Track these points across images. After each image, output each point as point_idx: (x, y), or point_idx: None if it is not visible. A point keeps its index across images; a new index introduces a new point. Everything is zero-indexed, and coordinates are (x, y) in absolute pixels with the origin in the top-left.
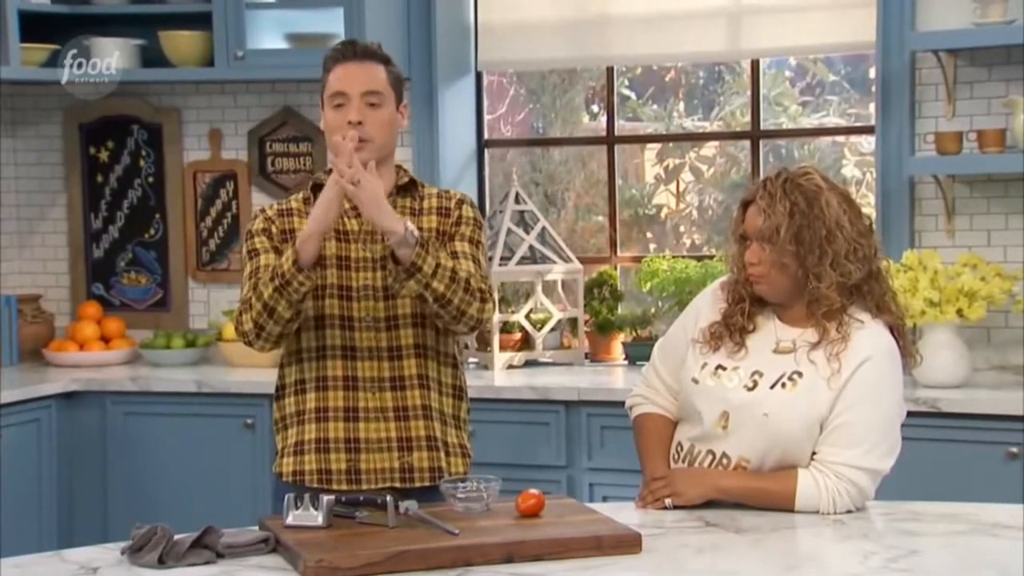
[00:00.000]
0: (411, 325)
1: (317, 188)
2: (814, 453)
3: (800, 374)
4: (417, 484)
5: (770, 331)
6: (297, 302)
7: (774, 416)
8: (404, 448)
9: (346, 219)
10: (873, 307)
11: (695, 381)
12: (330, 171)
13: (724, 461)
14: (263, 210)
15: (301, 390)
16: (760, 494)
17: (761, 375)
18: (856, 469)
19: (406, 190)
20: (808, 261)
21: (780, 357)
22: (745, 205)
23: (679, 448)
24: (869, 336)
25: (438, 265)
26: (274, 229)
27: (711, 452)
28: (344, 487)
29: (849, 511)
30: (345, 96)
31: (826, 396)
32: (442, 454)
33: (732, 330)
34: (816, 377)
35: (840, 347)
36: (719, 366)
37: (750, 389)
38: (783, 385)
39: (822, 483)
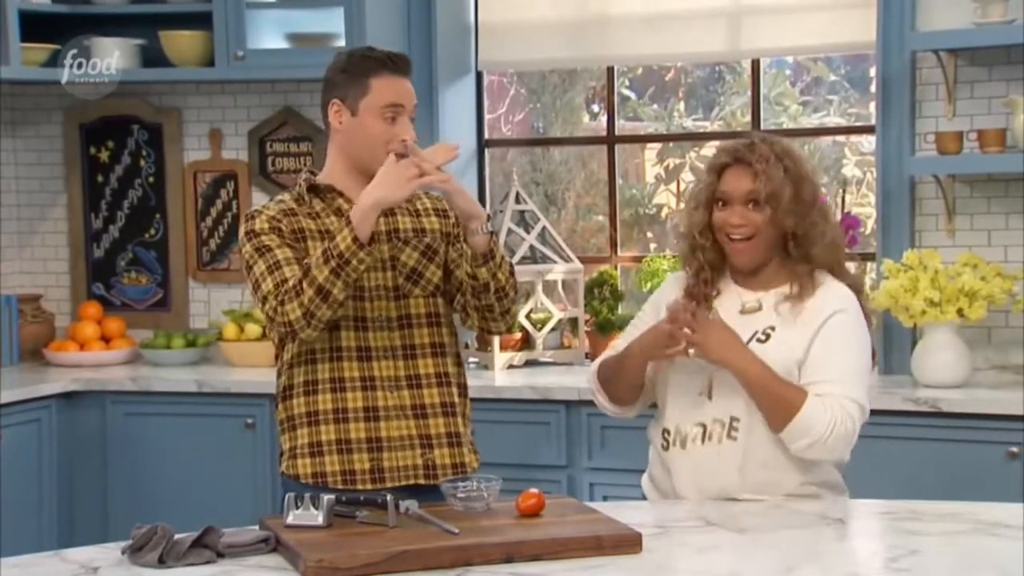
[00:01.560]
0: (425, 324)
1: (313, 189)
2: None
3: (773, 327)
4: (441, 480)
5: (733, 294)
6: (354, 281)
7: None
8: (426, 445)
9: None
10: (832, 268)
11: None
12: (311, 171)
13: (718, 428)
14: (260, 211)
15: (312, 391)
16: (770, 394)
17: (735, 335)
18: (853, 402)
19: None
20: (805, 221)
21: (748, 317)
22: (720, 169)
23: (666, 433)
24: (837, 290)
25: (503, 257)
26: (283, 227)
27: (701, 424)
28: (369, 487)
29: (837, 452)
30: (401, 109)
31: (799, 341)
32: (464, 449)
33: (698, 299)
34: (787, 325)
35: (808, 300)
36: None
37: None
38: (759, 340)
39: (828, 408)
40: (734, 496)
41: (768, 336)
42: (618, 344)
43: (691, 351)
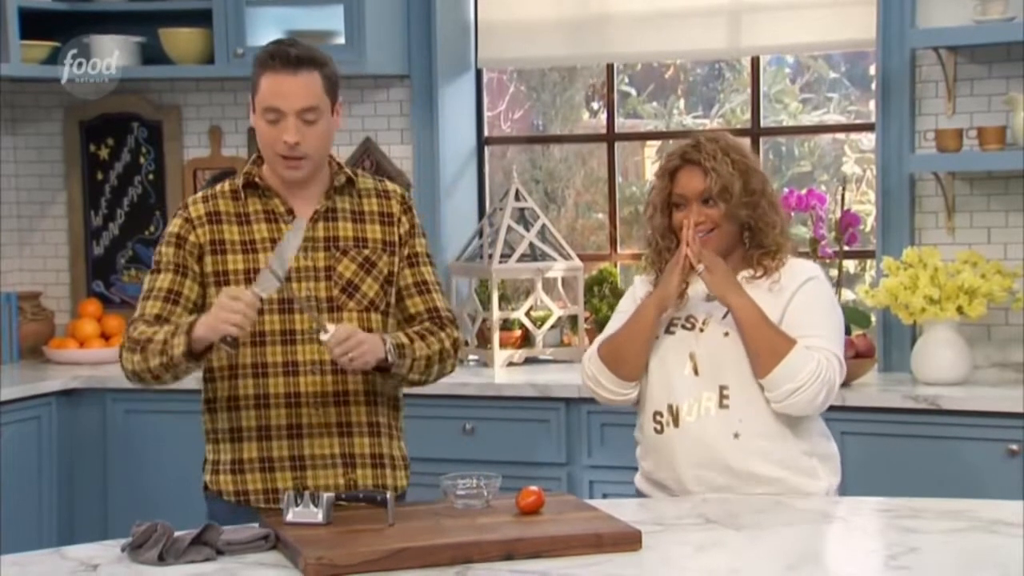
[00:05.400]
0: None
1: (250, 186)
2: None
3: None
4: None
5: (700, 287)
6: (185, 375)
7: (733, 334)
8: (349, 464)
9: (283, 224)
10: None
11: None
12: (255, 161)
13: (709, 399)
14: (186, 207)
15: (235, 406)
16: (762, 335)
17: (710, 315)
18: (834, 355)
19: (343, 190)
20: (757, 211)
21: (715, 302)
22: (672, 172)
23: (658, 416)
24: (805, 263)
25: (413, 361)
26: (191, 239)
27: (693, 399)
28: None
29: (818, 400)
30: (280, 113)
31: (774, 308)
32: (387, 470)
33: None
34: (761, 293)
35: (778, 271)
36: (672, 320)
37: (702, 329)
38: None
39: (813, 357)
40: (733, 466)
41: None
42: (608, 331)
43: (700, 266)
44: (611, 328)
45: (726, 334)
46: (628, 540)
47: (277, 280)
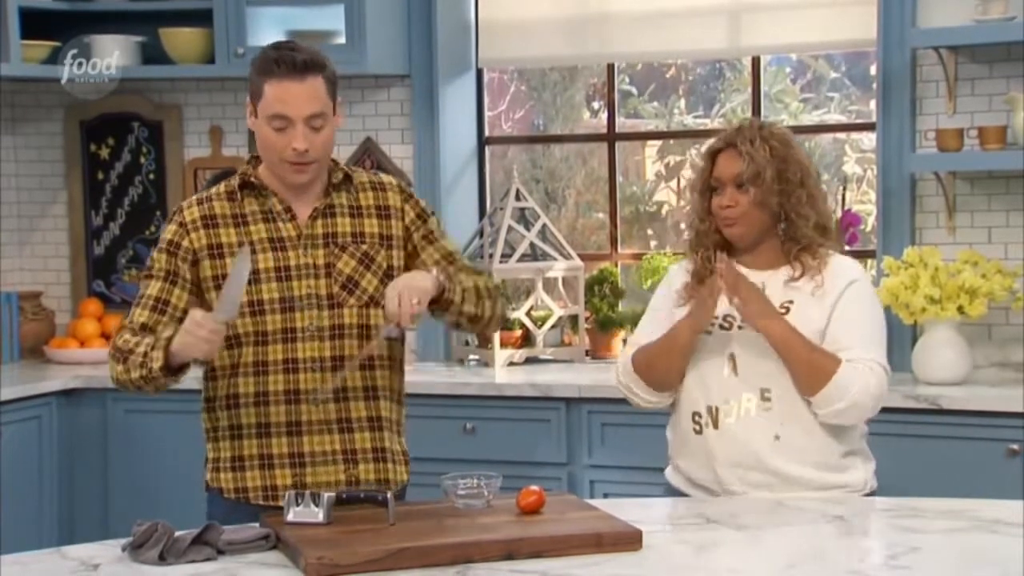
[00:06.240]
0: (356, 336)
1: (246, 186)
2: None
3: (791, 301)
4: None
5: None
6: (166, 387)
7: None
8: (350, 460)
9: (280, 223)
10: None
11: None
12: (251, 161)
13: (750, 402)
14: (181, 211)
15: (235, 404)
16: (805, 360)
17: (771, 303)
18: (878, 364)
19: (341, 186)
20: (791, 200)
21: None
22: (714, 154)
23: (697, 417)
24: (847, 262)
25: (464, 290)
26: (184, 244)
27: (734, 401)
28: None
29: (867, 413)
30: (288, 120)
31: (819, 312)
32: (389, 464)
33: (704, 278)
34: (804, 298)
35: (820, 272)
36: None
37: (741, 327)
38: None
39: (860, 369)
40: (773, 467)
41: (788, 309)
42: (638, 337)
43: (736, 301)
44: (644, 329)
45: None
46: (628, 540)
47: (235, 308)
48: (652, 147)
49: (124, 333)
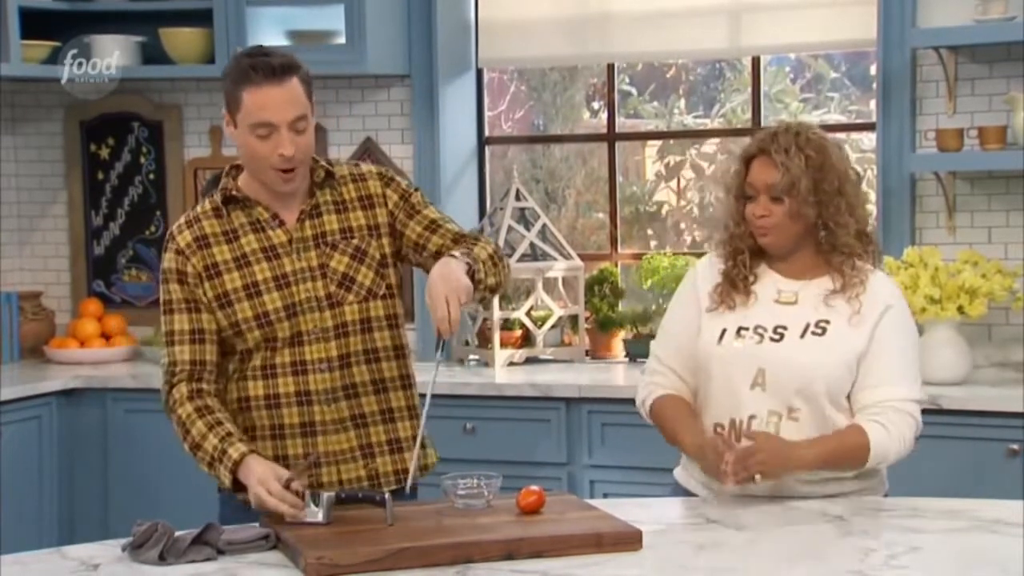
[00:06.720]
0: (359, 331)
1: (229, 201)
2: (849, 402)
3: (828, 321)
4: (384, 489)
5: (770, 282)
6: None
7: (812, 362)
8: (368, 455)
9: (270, 231)
10: (871, 260)
11: (719, 344)
12: (230, 172)
13: (776, 418)
14: (173, 237)
15: (247, 407)
16: (839, 459)
17: (786, 328)
18: (912, 402)
19: (324, 184)
20: (828, 210)
21: (784, 308)
22: (748, 160)
23: (719, 428)
24: (884, 282)
25: (488, 262)
26: (189, 270)
27: (758, 416)
28: None
29: (909, 452)
30: (272, 127)
31: (857, 337)
32: (407, 455)
33: (737, 282)
34: (842, 320)
35: (859, 291)
36: (740, 328)
37: (777, 341)
38: (814, 333)
39: (889, 427)
40: (794, 477)
41: (824, 330)
42: (658, 350)
43: (757, 477)
44: (666, 345)
45: (803, 363)
46: (628, 540)
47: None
48: (652, 147)
49: (180, 387)
